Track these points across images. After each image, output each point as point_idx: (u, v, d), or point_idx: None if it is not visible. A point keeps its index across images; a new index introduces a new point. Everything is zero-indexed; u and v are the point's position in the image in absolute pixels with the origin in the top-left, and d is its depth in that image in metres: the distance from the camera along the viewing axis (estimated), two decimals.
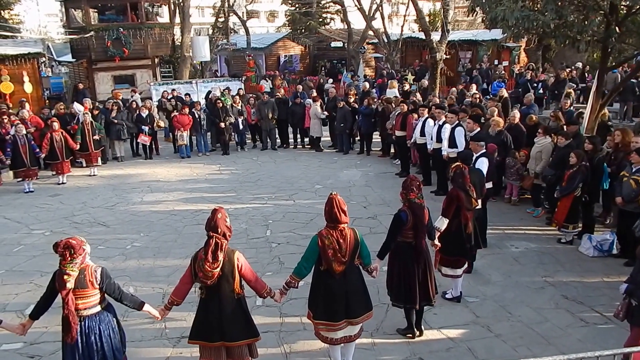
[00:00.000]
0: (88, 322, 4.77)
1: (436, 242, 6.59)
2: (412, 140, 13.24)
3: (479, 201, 7.63)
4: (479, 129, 10.66)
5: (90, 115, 15.45)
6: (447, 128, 11.57)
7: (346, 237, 5.29)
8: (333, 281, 5.35)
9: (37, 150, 13.51)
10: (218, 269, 4.80)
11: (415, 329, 6.40)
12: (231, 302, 4.97)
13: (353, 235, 5.36)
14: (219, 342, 4.99)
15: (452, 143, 11.33)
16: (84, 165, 15.42)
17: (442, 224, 6.86)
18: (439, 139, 11.83)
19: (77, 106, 16.06)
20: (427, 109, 12.98)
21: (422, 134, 12.64)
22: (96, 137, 14.97)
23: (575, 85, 19.56)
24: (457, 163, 7.44)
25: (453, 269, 7.10)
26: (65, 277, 4.60)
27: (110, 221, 10.95)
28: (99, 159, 15.51)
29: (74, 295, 4.65)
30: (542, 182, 10.40)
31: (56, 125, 13.90)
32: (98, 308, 4.84)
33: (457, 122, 11.42)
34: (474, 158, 8.50)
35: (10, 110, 16.57)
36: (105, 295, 4.91)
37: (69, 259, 4.62)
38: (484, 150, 9.00)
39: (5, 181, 13.74)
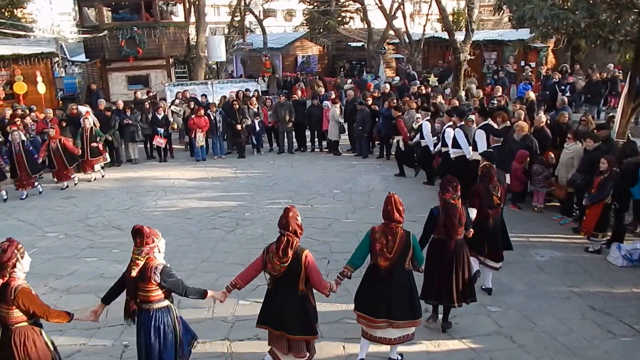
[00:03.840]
0: (145, 314, 5.08)
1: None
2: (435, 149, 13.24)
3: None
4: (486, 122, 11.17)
5: (103, 116, 15.77)
6: (450, 131, 12.05)
7: (396, 236, 5.67)
8: (378, 277, 5.78)
9: (36, 156, 13.46)
10: (286, 264, 5.25)
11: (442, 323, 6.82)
12: (294, 297, 5.39)
13: (405, 237, 5.71)
14: (280, 332, 5.46)
15: (455, 144, 11.82)
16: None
17: (472, 213, 7.14)
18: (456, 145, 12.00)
19: (82, 109, 16.17)
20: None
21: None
22: (94, 144, 14.66)
23: None
24: (485, 162, 7.95)
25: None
26: (132, 264, 4.95)
27: (125, 224, 11.09)
28: (97, 165, 15.12)
29: (137, 285, 4.98)
30: (570, 188, 10.37)
31: (52, 132, 13.84)
32: (158, 304, 5.09)
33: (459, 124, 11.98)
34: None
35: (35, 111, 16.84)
36: (168, 292, 5.16)
37: (138, 244, 4.96)
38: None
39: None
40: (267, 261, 5.37)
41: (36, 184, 13.57)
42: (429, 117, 13.60)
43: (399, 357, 6.25)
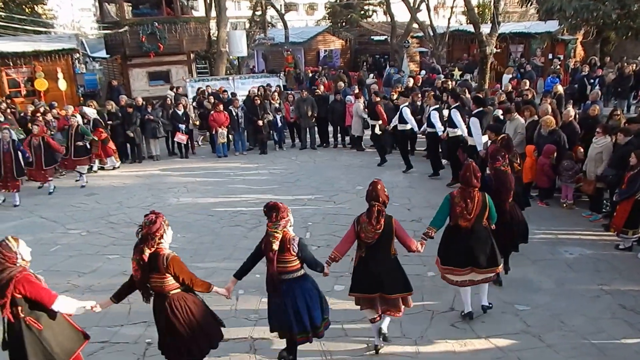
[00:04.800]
0: (287, 284, 5.56)
1: None
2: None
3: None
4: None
5: (125, 112, 15.97)
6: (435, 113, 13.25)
7: (474, 199, 6.50)
8: (459, 235, 6.61)
9: (28, 155, 12.83)
10: (380, 231, 5.85)
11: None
12: (388, 259, 6.04)
13: (482, 199, 6.55)
14: (377, 294, 6.01)
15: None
16: (63, 172, 15.14)
17: None
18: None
19: (87, 110, 15.87)
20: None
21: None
22: (80, 142, 14.16)
23: None
24: (503, 135, 8.79)
25: None
26: (272, 239, 5.39)
27: None
28: (84, 168, 14.64)
29: (277, 257, 5.42)
30: (602, 184, 10.24)
31: (36, 129, 13.33)
32: (296, 274, 5.59)
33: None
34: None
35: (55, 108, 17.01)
36: (302, 262, 5.62)
37: (274, 220, 5.41)
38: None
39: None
40: (359, 231, 5.92)
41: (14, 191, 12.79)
42: (406, 104, 14.52)
43: (490, 305, 7.10)
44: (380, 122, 15.01)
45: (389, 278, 6.00)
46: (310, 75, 28.85)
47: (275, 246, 5.38)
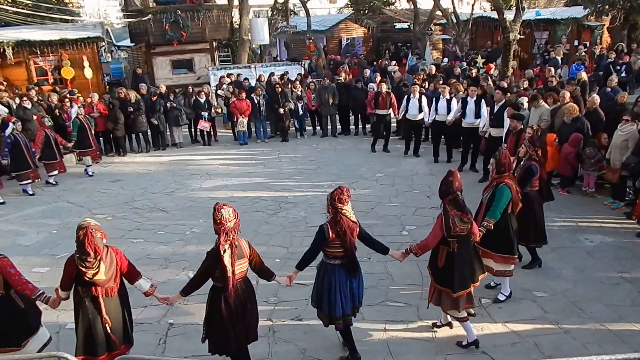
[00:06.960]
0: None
1: None
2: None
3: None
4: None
5: (148, 101, 16.15)
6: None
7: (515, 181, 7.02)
8: (511, 221, 6.91)
9: (33, 150, 12.45)
10: (471, 219, 5.91)
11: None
12: (472, 247, 6.16)
13: None
14: (471, 285, 6.02)
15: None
16: (87, 164, 14.38)
17: None
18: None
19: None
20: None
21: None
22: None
23: None
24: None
25: None
26: (351, 218, 5.55)
27: (170, 207, 11.43)
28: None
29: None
30: (626, 171, 10.14)
31: (46, 121, 13.27)
32: None
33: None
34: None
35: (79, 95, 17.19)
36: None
37: (346, 203, 5.49)
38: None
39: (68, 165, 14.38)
40: (452, 226, 5.72)
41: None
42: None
43: None
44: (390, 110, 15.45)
45: (476, 263, 6.14)
46: (322, 65, 28.65)
47: (353, 218, 5.54)
